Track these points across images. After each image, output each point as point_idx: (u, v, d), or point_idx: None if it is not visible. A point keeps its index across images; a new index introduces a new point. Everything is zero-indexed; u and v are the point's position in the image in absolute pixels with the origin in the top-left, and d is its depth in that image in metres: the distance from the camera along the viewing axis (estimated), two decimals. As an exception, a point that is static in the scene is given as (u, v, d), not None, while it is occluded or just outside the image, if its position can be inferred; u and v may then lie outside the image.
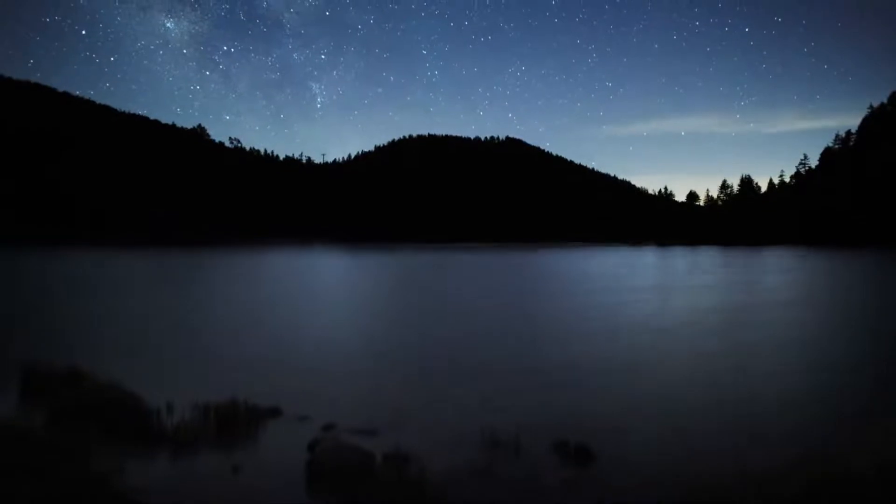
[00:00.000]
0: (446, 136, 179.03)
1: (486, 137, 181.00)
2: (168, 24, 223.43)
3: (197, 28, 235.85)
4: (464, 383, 8.28)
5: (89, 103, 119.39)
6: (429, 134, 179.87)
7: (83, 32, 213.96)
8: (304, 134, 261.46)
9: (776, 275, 30.40)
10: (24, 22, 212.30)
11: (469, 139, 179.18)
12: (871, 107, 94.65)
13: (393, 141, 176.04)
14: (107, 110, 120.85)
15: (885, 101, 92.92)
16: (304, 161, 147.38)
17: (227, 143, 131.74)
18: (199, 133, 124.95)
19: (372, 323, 14.65)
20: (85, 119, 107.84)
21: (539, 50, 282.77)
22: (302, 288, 24.16)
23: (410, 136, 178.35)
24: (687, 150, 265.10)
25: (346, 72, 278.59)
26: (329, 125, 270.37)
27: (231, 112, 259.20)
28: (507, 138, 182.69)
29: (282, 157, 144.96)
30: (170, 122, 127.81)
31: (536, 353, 10.57)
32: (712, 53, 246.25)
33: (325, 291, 22.97)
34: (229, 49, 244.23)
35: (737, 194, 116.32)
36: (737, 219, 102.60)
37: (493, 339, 11.99)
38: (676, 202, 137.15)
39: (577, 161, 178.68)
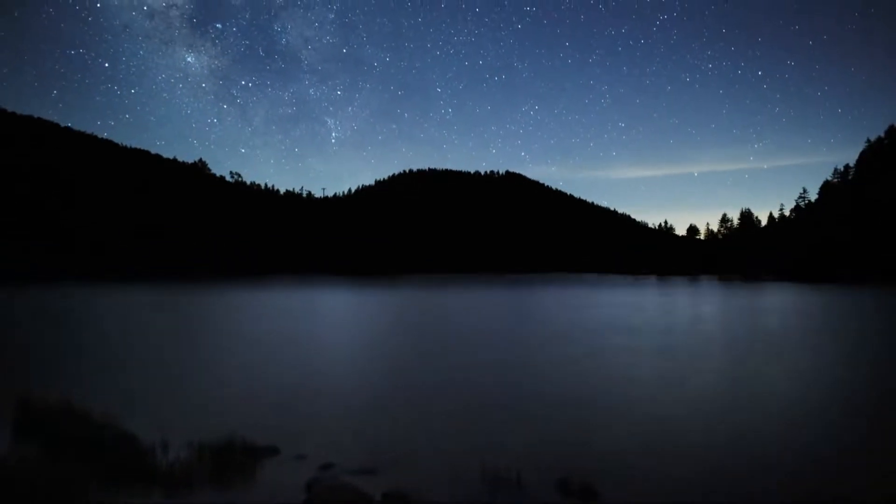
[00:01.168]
0: (446, 170, 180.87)
1: (486, 172, 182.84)
2: (189, 59, 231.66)
3: (217, 63, 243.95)
4: (463, 421, 8.21)
5: (91, 138, 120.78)
6: (429, 168, 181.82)
7: (106, 65, 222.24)
8: (317, 168, 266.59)
9: (776, 316, 30.30)
10: (49, 54, 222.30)
11: (469, 173, 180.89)
12: (868, 141, 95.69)
13: (393, 175, 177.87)
14: (109, 144, 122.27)
15: (882, 134, 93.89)
16: (304, 195, 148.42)
17: (228, 178, 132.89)
18: (199, 167, 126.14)
19: (370, 361, 14.44)
20: (87, 153, 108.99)
21: (552, 89, 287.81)
22: (299, 325, 23.98)
23: (410, 171, 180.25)
24: (690, 188, 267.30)
25: (361, 108, 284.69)
26: (343, 160, 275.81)
27: (247, 145, 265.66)
28: (507, 172, 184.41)
29: (282, 191, 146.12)
30: (172, 156, 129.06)
31: (535, 389, 10.44)
32: (725, 96, 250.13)
33: (323, 328, 22.81)
34: (247, 83, 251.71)
35: (737, 228, 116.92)
36: (737, 251, 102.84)
37: (493, 377, 11.81)
38: (676, 236, 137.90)
39: (589, 200, 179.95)
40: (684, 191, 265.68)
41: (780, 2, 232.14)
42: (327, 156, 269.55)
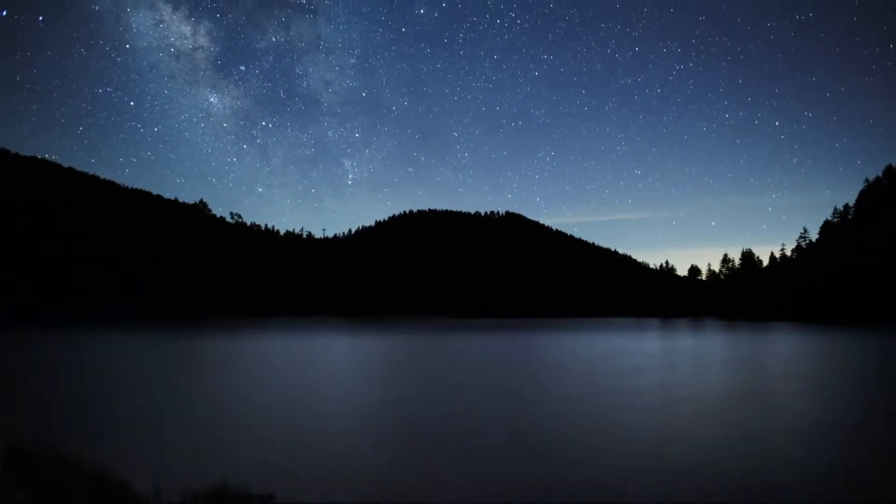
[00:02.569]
0: (446, 210, 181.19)
1: (485, 212, 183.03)
2: (212, 99, 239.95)
3: (239, 104, 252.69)
4: (463, 464, 8.33)
5: (93, 178, 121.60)
6: (429, 209, 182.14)
7: (131, 104, 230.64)
8: (333, 209, 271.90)
9: (783, 364, 29.00)
10: (78, 93, 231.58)
11: (469, 214, 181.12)
12: (867, 180, 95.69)
13: (393, 216, 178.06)
14: (110, 185, 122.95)
15: (880, 174, 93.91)
16: (304, 236, 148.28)
17: (229, 218, 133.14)
18: (200, 208, 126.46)
19: (369, 406, 14.01)
20: (88, 194, 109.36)
21: (568, 136, 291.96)
22: (297, 371, 22.85)
23: (410, 211, 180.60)
24: (686, 228, 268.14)
25: (378, 150, 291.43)
26: (358, 202, 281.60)
27: (264, 185, 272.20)
28: (507, 213, 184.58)
29: (282, 231, 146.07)
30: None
31: (533, 433, 10.28)
32: (742, 146, 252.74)
33: (321, 374, 21.65)
34: (267, 124, 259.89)
35: (738, 268, 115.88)
36: (739, 293, 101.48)
37: (491, 422, 11.60)
38: (678, 276, 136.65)
39: (606, 246, 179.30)
40: (684, 229, 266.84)
41: (796, 54, 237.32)
42: (343, 197, 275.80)
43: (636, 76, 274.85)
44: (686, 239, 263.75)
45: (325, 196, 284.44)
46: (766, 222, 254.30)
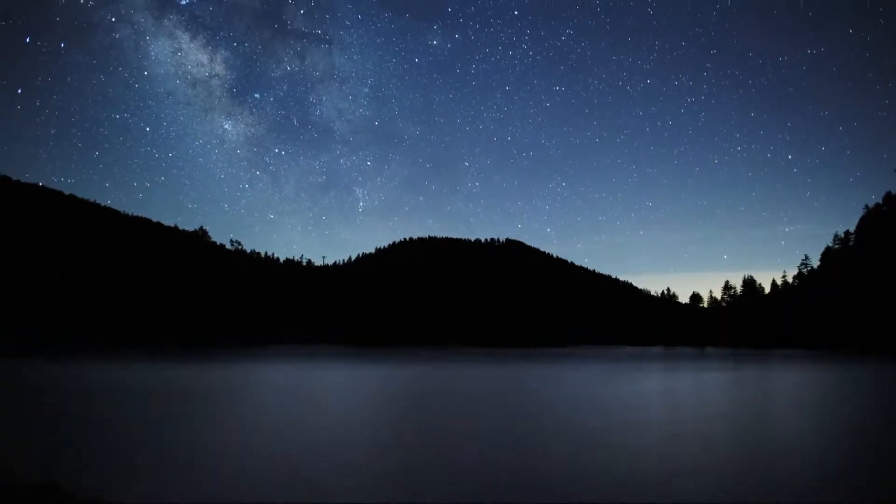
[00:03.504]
0: (446, 238, 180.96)
1: (486, 239, 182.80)
2: (226, 126, 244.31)
3: (252, 131, 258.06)
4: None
5: (93, 205, 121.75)
6: (429, 236, 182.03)
7: (147, 129, 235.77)
8: (343, 237, 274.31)
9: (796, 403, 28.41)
10: (95, 118, 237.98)
11: (469, 241, 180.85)
12: (866, 207, 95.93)
13: (393, 243, 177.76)
14: (110, 212, 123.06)
15: (880, 201, 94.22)
16: (304, 263, 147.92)
17: (228, 245, 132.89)
18: (199, 235, 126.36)
19: (368, 445, 13.32)
20: (87, 220, 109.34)
21: (579, 167, 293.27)
22: (294, 404, 22.22)
23: (411, 238, 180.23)
24: (697, 259, 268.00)
25: (389, 179, 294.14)
26: (368, 230, 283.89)
27: (276, 212, 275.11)
28: (507, 240, 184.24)
29: (282, 259, 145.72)
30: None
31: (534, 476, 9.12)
32: (754, 179, 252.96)
33: (319, 408, 21.01)
34: (280, 151, 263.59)
35: (740, 295, 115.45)
36: (741, 321, 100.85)
37: (495, 462, 11.14)
38: (680, 304, 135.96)
39: (618, 277, 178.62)
40: (695, 260, 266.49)
41: (808, 88, 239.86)
42: (354, 225, 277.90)
43: (647, 108, 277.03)
44: (696, 267, 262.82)
45: (335, 223, 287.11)
46: (779, 255, 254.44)
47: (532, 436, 14.36)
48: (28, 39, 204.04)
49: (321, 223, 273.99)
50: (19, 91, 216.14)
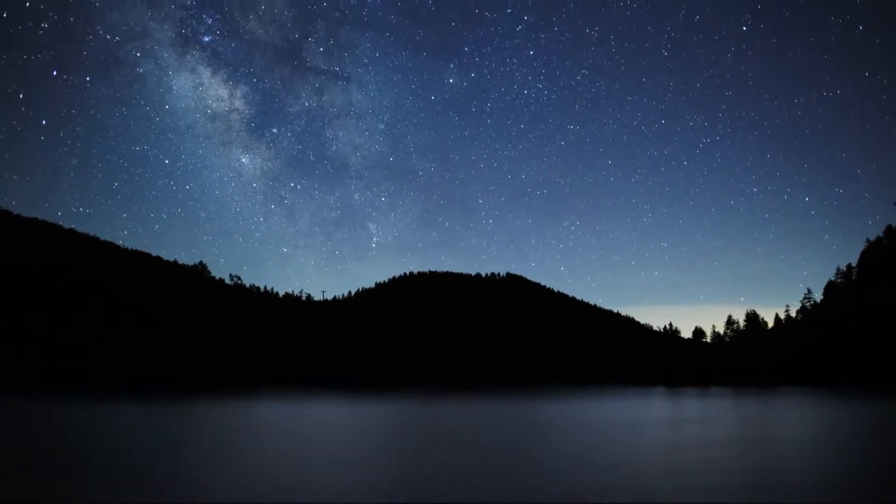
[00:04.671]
0: (447, 272, 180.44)
1: (486, 274, 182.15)
2: (243, 160, 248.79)
3: (269, 165, 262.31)
4: None
5: (93, 240, 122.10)
6: (430, 270, 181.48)
7: (166, 162, 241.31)
8: (356, 272, 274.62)
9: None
10: (116, 150, 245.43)
11: (470, 276, 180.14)
12: (868, 241, 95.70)
13: (393, 278, 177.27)
14: (110, 246, 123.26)
15: (881, 234, 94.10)
16: (303, 298, 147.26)
17: (228, 280, 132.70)
18: (199, 270, 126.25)
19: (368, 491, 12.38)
20: (86, 254, 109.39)
21: (594, 206, 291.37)
22: (292, 448, 21.47)
23: (411, 273, 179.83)
24: (714, 299, 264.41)
25: (403, 215, 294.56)
26: (381, 265, 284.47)
27: (289, 245, 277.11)
28: (508, 275, 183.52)
29: (281, 293, 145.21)
30: (172, 259, 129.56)
31: None
32: (771, 220, 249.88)
33: (317, 450, 20.24)
34: (296, 186, 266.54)
35: (743, 330, 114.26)
36: (746, 357, 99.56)
37: None
38: (682, 339, 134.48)
39: (617, 310, 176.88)
40: (711, 301, 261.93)
41: (825, 130, 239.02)
42: (367, 261, 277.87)
43: (662, 148, 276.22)
44: (710, 304, 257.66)
45: (348, 259, 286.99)
46: (798, 297, 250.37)
47: None
48: (55, 73, 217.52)
49: (334, 258, 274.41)
50: (44, 122, 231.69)
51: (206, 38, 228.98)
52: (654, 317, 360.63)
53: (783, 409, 41.08)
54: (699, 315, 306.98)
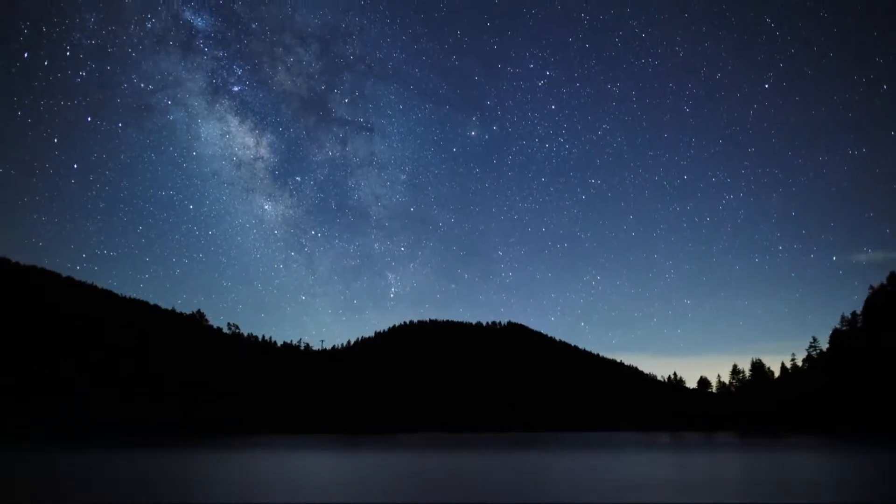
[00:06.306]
0: (447, 321, 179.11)
1: (487, 323, 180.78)
2: (266, 207, 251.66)
3: (291, 212, 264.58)
4: None
5: (91, 287, 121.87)
6: (430, 319, 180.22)
7: (190, 207, 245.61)
8: (373, 322, 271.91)
9: None
10: (142, 194, 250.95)
11: (471, 324, 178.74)
12: (871, 287, 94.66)
13: (393, 327, 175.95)
14: (108, 294, 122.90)
15: (884, 281, 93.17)
16: (301, 348, 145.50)
17: (225, 329, 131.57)
18: (197, 318, 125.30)
19: None
20: (84, 302, 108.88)
21: (615, 261, 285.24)
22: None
23: (411, 322, 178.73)
24: (686, 328, 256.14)
25: (422, 266, 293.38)
26: (399, 316, 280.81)
27: (308, 293, 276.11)
28: (510, 323, 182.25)
29: (279, 343, 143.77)
30: (169, 308, 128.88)
31: None
32: (798, 280, 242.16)
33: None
34: (316, 234, 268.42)
35: (749, 379, 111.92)
36: (751, 406, 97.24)
37: None
38: (687, 388, 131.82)
39: (620, 360, 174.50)
40: (727, 353, 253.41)
41: (850, 189, 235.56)
42: (384, 311, 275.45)
43: (685, 204, 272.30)
44: (713, 355, 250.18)
45: (366, 308, 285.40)
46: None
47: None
48: (89, 119, 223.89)
49: (352, 307, 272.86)
50: (75, 166, 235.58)
51: (236, 88, 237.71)
52: (657, 366, 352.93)
53: (800, 462, 39.49)
54: (703, 366, 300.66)
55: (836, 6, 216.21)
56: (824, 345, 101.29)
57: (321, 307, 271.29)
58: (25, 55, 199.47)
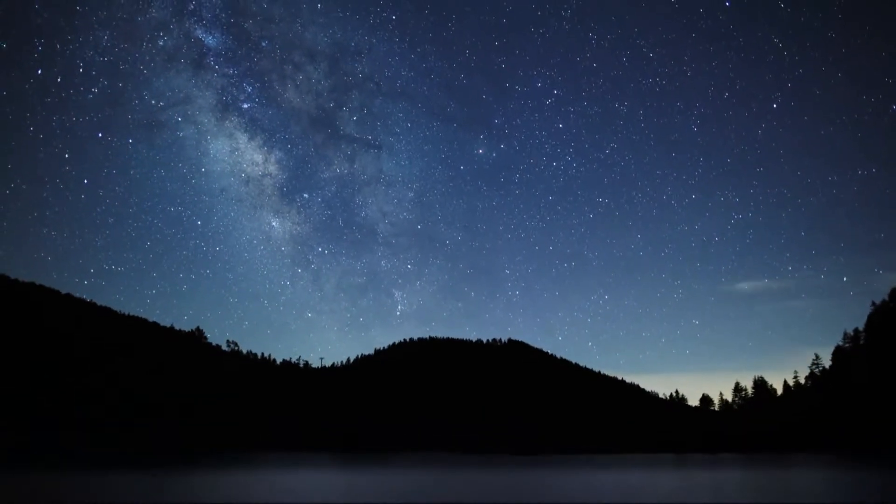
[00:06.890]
0: (448, 338, 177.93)
1: (487, 340, 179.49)
2: (273, 223, 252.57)
3: (298, 229, 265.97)
4: None
5: (91, 305, 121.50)
6: (430, 336, 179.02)
7: (198, 223, 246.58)
8: (379, 340, 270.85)
9: None
10: (151, 210, 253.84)
11: (471, 342, 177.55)
12: (874, 304, 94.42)
13: (393, 344, 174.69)
14: (106, 311, 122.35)
15: (886, 297, 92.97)
16: (301, 365, 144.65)
17: (224, 347, 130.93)
18: (196, 336, 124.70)
19: None
20: (81, 319, 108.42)
21: (623, 281, 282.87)
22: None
23: (411, 339, 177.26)
24: (695, 349, 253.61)
25: (428, 284, 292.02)
26: (404, 335, 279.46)
27: (314, 311, 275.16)
28: (510, 340, 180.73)
29: (279, 360, 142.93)
30: (169, 325, 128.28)
31: None
32: (808, 303, 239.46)
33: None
34: (323, 251, 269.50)
35: (752, 397, 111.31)
36: (754, 425, 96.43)
37: None
38: (689, 406, 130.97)
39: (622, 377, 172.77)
40: (736, 374, 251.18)
41: (860, 208, 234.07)
42: (390, 328, 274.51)
43: (693, 223, 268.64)
44: (715, 372, 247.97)
45: (372, 326, 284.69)
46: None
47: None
48: (100, 134, 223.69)
49: (358, 325, 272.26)
50: (85, 181, 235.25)
51: (245, 105, 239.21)
52: (665, 386, 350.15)
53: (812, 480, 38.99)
54: (704, 383, 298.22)
55: (844, 26, 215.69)
56: (827, 362, 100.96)
57: (327, 324, 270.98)
58: (39, 72, 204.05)
